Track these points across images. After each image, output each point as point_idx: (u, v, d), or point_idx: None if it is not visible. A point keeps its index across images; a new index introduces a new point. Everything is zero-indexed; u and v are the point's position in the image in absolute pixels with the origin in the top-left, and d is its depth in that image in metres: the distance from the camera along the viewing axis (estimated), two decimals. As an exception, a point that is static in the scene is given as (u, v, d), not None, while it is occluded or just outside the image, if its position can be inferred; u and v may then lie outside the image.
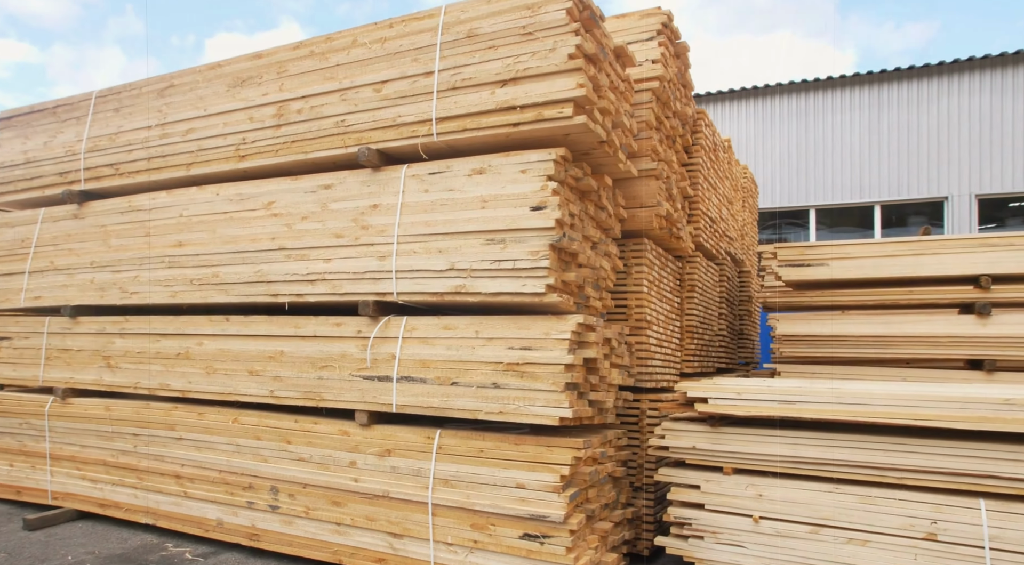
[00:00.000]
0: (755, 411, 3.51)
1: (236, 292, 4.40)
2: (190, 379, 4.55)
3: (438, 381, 3.68)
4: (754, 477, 3.59)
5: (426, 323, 3.81)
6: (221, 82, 4.75)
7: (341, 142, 4.17)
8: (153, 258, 4.79)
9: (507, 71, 3.69)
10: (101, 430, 4.93)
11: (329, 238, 4.10)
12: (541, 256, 3.47)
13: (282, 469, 4.12)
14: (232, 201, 4.54)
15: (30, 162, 5.60)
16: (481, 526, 3.52)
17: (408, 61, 4.02)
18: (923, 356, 4.67)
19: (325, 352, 4.05)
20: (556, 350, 3.42)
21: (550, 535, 3.35)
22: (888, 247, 4.70)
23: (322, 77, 4.32)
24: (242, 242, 4.42)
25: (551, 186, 3.53)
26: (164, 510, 4.61)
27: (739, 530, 3.54)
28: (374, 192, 4.03)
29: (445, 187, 3.81)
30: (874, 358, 4.81)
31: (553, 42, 3.60)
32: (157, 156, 4.92)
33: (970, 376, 4.57)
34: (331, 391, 3.99)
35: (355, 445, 3.91)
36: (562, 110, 3.53)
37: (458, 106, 3.81)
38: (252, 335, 4.34)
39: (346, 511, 3.91)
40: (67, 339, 5.20)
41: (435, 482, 3.65)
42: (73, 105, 5.49)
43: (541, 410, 3.40)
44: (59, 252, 5.32)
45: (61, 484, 5.11)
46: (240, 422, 4.32)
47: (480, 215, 3.67)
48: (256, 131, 4.50)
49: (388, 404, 3.81)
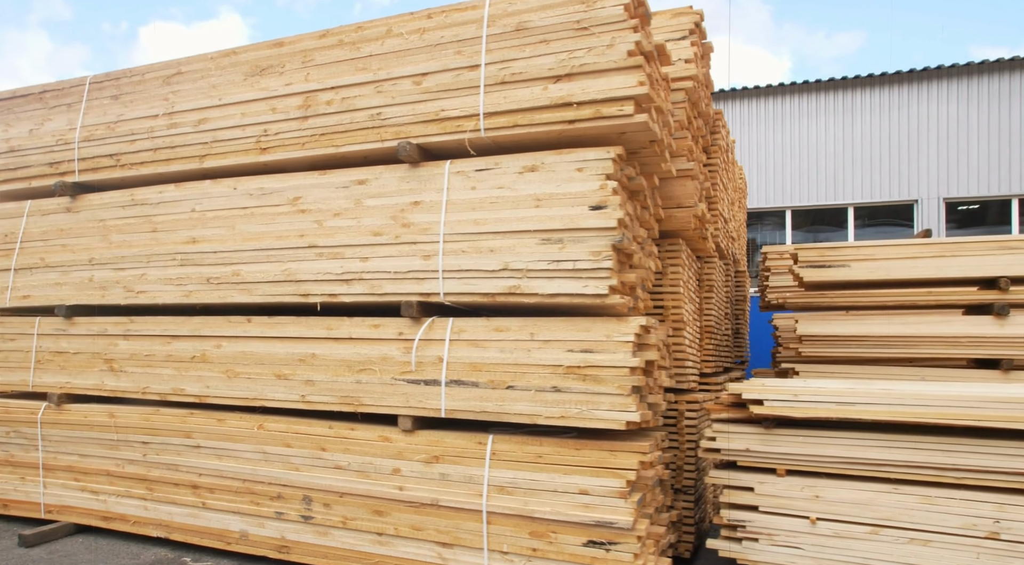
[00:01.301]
0: (813, 413, 3.51)
1: (260, 292, 4.18)
2: (208, 383, 4.30)
3: (492, 385, 3.57)
4: (809, 478, 3.60)
5: (474, 325, 3.69)
6: (237, 70, 4.50)
7: (377, 136, 4.00)
8: (163, 255, 4.52)
9: (561, 66, 3.60)
10: (104, 438, 4.62)
11: (366, 236, 3.93)
12: (604, 257, 3.39)
13: (316, 477, 3.94)
14: (253, 196, 4.31)
15: (14, 151, 5.22)
16: (541, 534, 3.43)
17: (451, 53, 3.89)
18: (942, 356, 4.79)
19: (363, 355, 3.89)
20: (620, 353, 3.35)
21: (616, 542, 3.29)
22: (909, 249, 4.79)
23: (353, 67, 4.14)
24: (267, 239, 4.20)
25: (611, 185, 3.46)
26: (179, 522, 4.35)
27: (796, 532, 3.55)
28: (415, 188, 3.88)
29: (494, 184, 3.70)
30: (893, 357, 4.91)
31: (611, 38, 3.53)
32: (165, 147, 4.64)
33: (987, 375, 4.71)
34: (371, 395, 3.83)
35: (398, 452, 3.76)
36: (622, 108, 3.46)
37: (508, 101, 3.69)
38: (279, 337, 4.13)
39: (389, 521, 3.76)
40: (61, 341, 4.86)
41: (489, 489, 3.54)
42: (63, 91, 5.14)
43: (606, 414, 3.33)
44: (51, 248, 4.97)
45: (56, 496, 4.77)
46: (266, 428, 4.11)
47: (535, 214, 3.57)
48: (280, 122, 4.28)
49: (436, 409, 3.67)
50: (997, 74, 9.85)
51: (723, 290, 6.15)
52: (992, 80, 9.85)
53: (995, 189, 9.82)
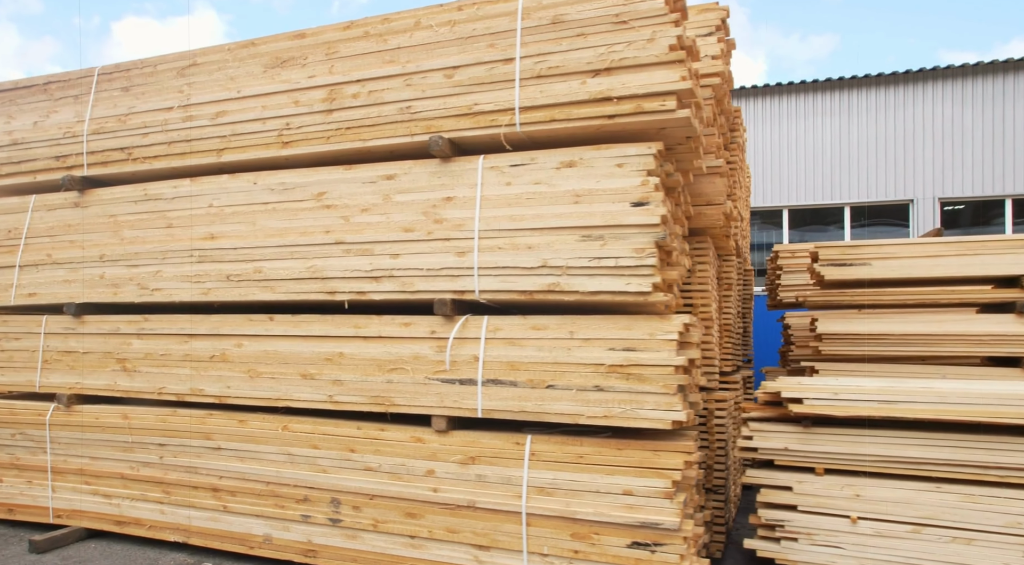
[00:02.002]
0: (855, 411, 3.50)
1: (284, 289, 4.07)
2: (228, 383, 4.18)
3: (531, 384, 3.50)
4: (848, 477, 3.59)
5: (510, 323, 3.62)
6: (256, 62, 4.39)
7: (407, 130, 3.91)
8: (179, 251, 4.39)
9: (600, 60, 3.54)
10: (117, 440, 4.48)
11: (396, 232, 3.84)
12: (647, 254, 3.34)
13: (345, 479, 3.84)
14: (274, 191, 4.20)
15: (17, 144, 5.04)
16: (583, 535, 3.37)
17: (483, 46, 3.81)
18: (962, 354, 4.81)
19: (394, 354, 3.80)
20: (664, 351, 3.31)
21: (662, 543, 3.24)
22: (931, 247, 4.81)
23: (381, 60, 4.04)
24: (290, 235, 4.10)
25: (652, 181, 3.41)
26: (198, 526, 4.23)
27: (836, 531, 3.53)
28: (446, 184, 3.80)
29: (531, 180, 3.63)
30: (912, 356, 4.92)
31: (651, 32, 3.48)
32: (180, 140, 4.51)
33: (1007, 373, 4.73)
34: (403, 395, 3.75)
35: (432, 453, 3.68)
36: (664, 103, 3.41)
37: (544, 95, 3.63)
38: (304, 336, 4.03)
39: (423, 523, 3.67)
40: (70, 340, 4.70)
41: (529, 490, 3.47)
42: (69, 82, 4.98)
43: (652, 413, 3.28)
44: (58, 244, 4.81)
45: (66, 500, 4.62)
46: (291, 429, 4.00)
47: (574, 210, 3.51)
48: (303, 116, 4.17)
49: (472, 409, 3.60)
50: (992, 76, 9.99)
51: (736, 288, 6.14)
52: (987, 82, 9.98)
53: (989, 189, 9.96)
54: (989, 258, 4.68)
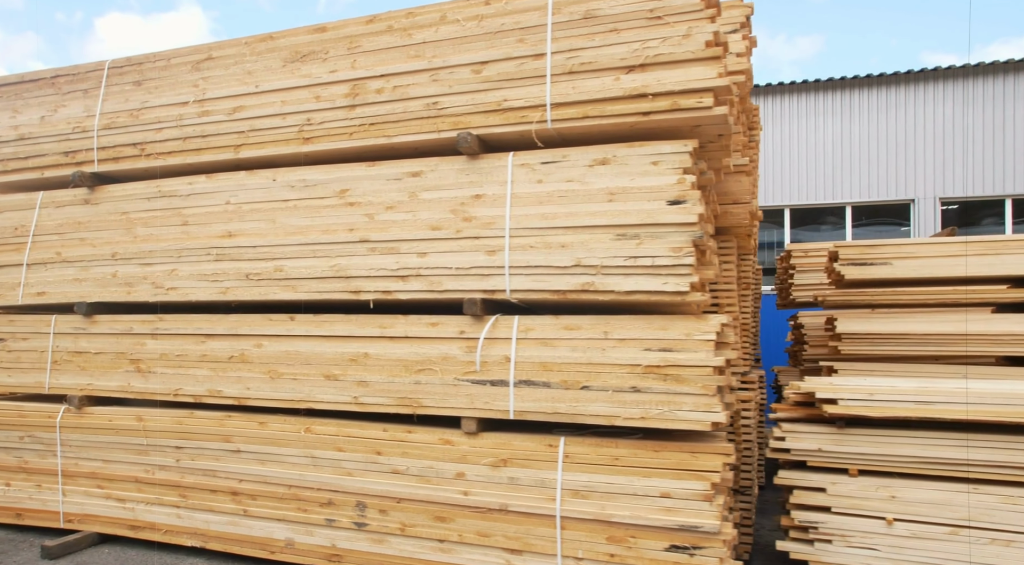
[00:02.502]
0: (891, 412, 3.47)
1: (306, 288, 3.99)
2: (248, 384, 4.09)
3: (564, 385, 3.44)
4: (883, 478, 3.56)
5: (542, 323, 3.56)
6: (275, 56, 4.29)
7: (433, 126, 3.84)
8: (195, 250, 4.29)
9: (634, 56, 3.48)
10: (131, 442, 4.37)
11: (423, 230, 3.77)
12: (685, 253, 3.29)
13: (371, 483, 3.77)
14: (294, 188, 4.11)
15: (24, 139, 4.92)
16: (619, 539, 3.32)
17: (513, 41, 3.75)
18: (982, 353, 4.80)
19: (421, 354, 3.73)
20: (702, 352, 3.26)
21: (701, 546, 3.19)
22: (953, 247, 4.79)
23: (405, 55, 3.97)
24: (312, 233, 4.01)
25: (689, 179, 3.36)
26: (216, 531, 4.13)
27: (871, 532, 3.50)
28: (475, 181, 3.73)
29: (563, 178, 3.57)
30: (932, 355, 4.90)
31: (687, 27, 3.43)
32: (196, 136, 4.40)
33: (1027, 372, 4.73)
34: (432, 397, 3.68)
35: (462, 455, 3.61)
36: (701, 100, 3.36)
37: (577, 92, 3.57)
38: (327, 336, 3.95)
39: (453, 527, 3.61)
40: (81, 340, 4.59)
41: (563, 493, 3.41)
42: (78, 75, 4.86)
43: (690, 415, 3.23)
44: (67, 242, 4.69)
45: (78, 505, 4.51)
46: (314, 432, 3.92)
47: (608, 208, 3.45)
48: (324, 111, 4.09)
49: (504, 410, 3.53)
50: (992, 77, 10.05)
51: (750, 288, 6.11)
52: (987, 83, 10.05)
53: (989, 189, 10.03)
54: (1010, 258, 4.67)
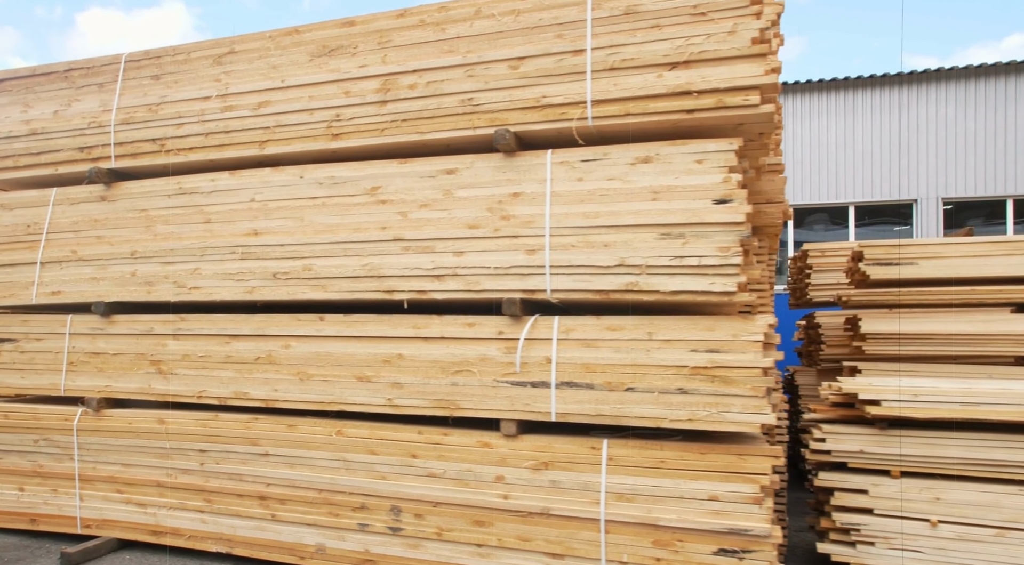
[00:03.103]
0: (935, 413, 3.45)
1: (336, 288, 3.90)
2: (276, 386, 4.00)
3: (608, 387, 3.39)
4: (926, 480, 3.54)
5: (583, 323, 3.50)
6: (301, 50, 4.20)
7: (468, 122, 3.77)
8: (219, 248, 4.19)
9: (677, 53, 3.43)
10: (152, 446, 4.26)
11: (460, 229, 3.70)
12: (733, 253, 3.25)
13: (406, 486, 3.69)
14: (323, 185, 4.03)
15: (36, 134, 4.78)
16: (666, 542, 3.27)
17: (551, 36, 3.68)
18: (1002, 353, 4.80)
19: (458, 355, 3.66)
20: (749, 353, 3.22)
21: (751, 549, 3.15)
22: (980, 247, 4.79)
23: (439, 50, 3.89)
24: (342, 231, 3.93)
25: (735, 178, 3.32)
26: (243, 536, 4.04)
27: (914, 534, 3.48)
28: (512, 179, 3.67)
29: (604, 176, 3.52)
30: (957, 355, 4.90)
31: (732, 24, 3.38)
32: (219, 131, 4.30)
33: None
34: (469, 399, 3.61)
35: (502, 458, 3.54)
36: (747, 97, 3.32)
37: (619, 88, 3.51)
38: (359, 336, 3.86)
39: (492, 531, 3.54)
40: (99, 341, 4.47)
41: (607, 496, 3.36)
42: (93, 69, 4.73)
43: (739, 416, 3.19)
44: (83, 240, 4.57)
45: (96, 510, 4.39)
46: (345, 434, 3.84)
47: (651, 207, 3.40)
48: (354, 107, 4.00)
49: (545, 412, 3.47)
50: (994, 78, 10.13)
51: (770, 287, 6.10)
52: (989, 84, 10.12)
53: (991, 190, 10.10)
54: (1037, 258, 4.67)
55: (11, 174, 4.86)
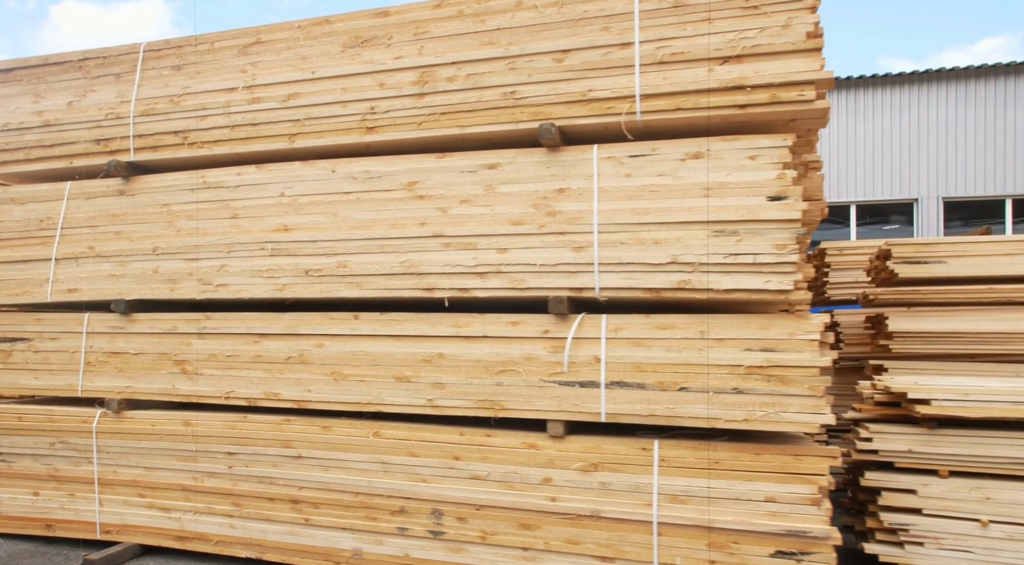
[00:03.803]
0: (987, 413, 3.43)
1: (373, 285, 3.80)
2: (309, 387, 3.89)
3: (660, 386, 3.32)
4: (975, 479, 3.52)
5: (632, 322, 3.43)
6: (332, 41, 4.08)
7: (510, 116, 3.69)
8: (248, 244, 4.06)
9: (729, 47, 3.38)
10: (177, 448, 4.13)
11: (503, 225, 3.61)
12: (789, 250, 3.20)
13: (448, 489, 3.60)
14: (357, 180, 3.92)
15: (49, 125, 4.61)
16: (721, 545, 3.21)
17: (597, 29, 3.61)
18: None
19: (502, 355, 3.57)
20: (806, 352, 3.17)
21: (809, 552, 3.10)
22: (1008, 246, 4.80)
23: (478, 41, 3.80)
24: (378, 227, 3.82)
25: (789, 174, 3.27)
26: (274, 541, 3.92)
27: (965, 535, 3.46)
28: (557, 174, 3.59)
29: (653, 172, 3.45)
30: (985, 353, 4.91)
31: (786, 18, 3.33)
32: (245, 124, 4.17)
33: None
34: (515, 399, 3.52)
35: (549, 460, 3.47)
36: (802, 93, 3.27)
37: (668, 82, 3.45)
38: (396, 335, 3.76)
39: (539, 534, 3.46)
40: (118, 340, 4.32)
41: (660, 498, 3.29)
42: (109, 59, 4.57)
43: (796, 416, 3.14)
44: (101, 235, 4.41)
45: (117, 514, 4.24)
46: (383, 436, 3.74)
47: (704, 204, 3.34)
48: (389, 99, 3.90)
49: (595, 413, 3.40)
50: (994, 78, 10.23)
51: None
52: (989, 84, 10.22)
53: (991, 189, 10.21)
54: (1066, 256, 4.68)
55: (22, 167, 4.69)
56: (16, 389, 4.56)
